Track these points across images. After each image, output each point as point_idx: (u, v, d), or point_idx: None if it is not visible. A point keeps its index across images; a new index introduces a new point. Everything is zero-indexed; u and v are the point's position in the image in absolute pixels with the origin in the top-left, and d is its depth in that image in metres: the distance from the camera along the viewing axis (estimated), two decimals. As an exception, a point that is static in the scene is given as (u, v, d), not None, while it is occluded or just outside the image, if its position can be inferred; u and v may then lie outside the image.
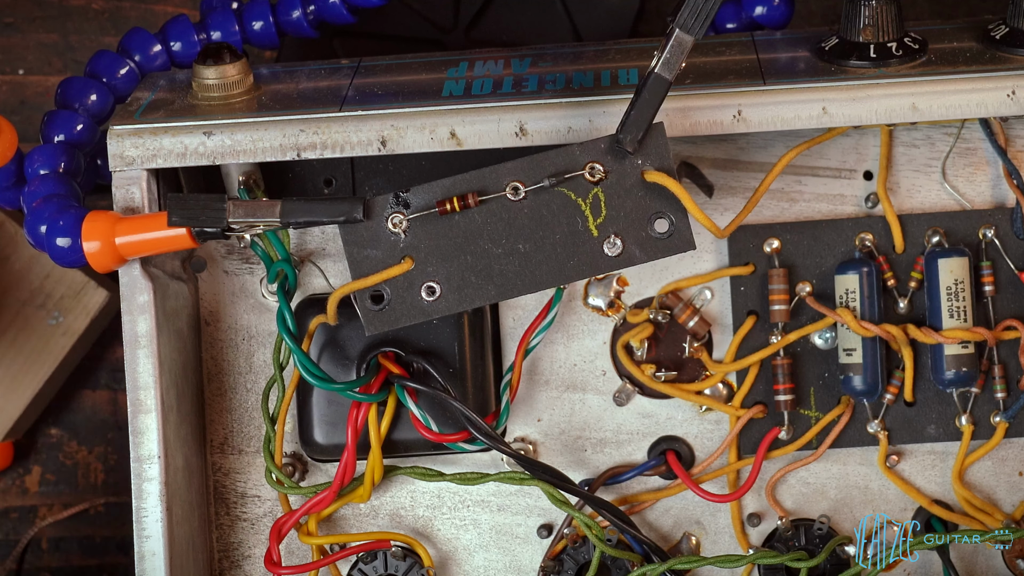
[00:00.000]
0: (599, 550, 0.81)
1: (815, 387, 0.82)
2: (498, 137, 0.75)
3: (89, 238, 0.75)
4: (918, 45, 0.77)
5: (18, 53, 0.94)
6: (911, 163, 0.81)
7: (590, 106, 0.75)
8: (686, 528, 0.84)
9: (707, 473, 0.83)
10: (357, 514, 0.84)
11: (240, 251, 0.83)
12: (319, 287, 0.83)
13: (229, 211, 0.74)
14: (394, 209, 0.75)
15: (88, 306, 0.91)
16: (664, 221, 0.74)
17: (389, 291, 0.75)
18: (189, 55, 0.85)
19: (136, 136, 0.76)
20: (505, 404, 0.81)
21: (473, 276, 0.75)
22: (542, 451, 0.84)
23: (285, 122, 0.76)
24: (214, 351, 0.83)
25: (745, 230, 0.81)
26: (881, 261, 0.81)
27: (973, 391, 0.81)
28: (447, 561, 0.84)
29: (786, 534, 0.83)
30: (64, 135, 0.81)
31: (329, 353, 0.81)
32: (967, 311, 0.80)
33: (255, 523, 0.84)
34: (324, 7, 0.85)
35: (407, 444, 0.82)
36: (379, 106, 0.76)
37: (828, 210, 0.82)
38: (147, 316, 0.77)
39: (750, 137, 0.81)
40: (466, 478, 0.82)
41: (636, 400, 0.83)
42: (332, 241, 0.82)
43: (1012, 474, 0.83)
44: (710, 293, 0.83)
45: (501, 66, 0.80)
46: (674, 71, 0.71)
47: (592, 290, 0.82)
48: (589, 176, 0.74)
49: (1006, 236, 0.81)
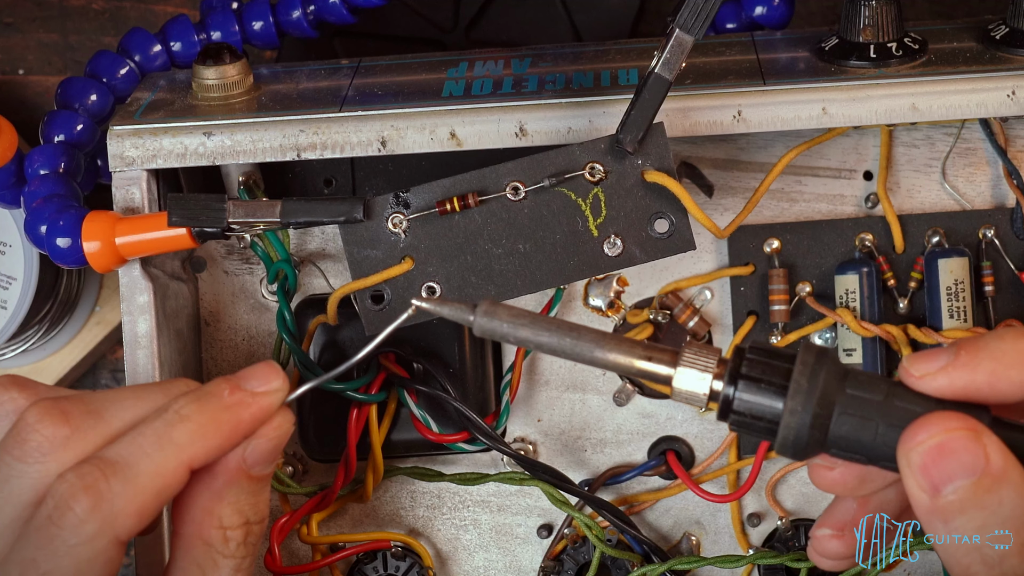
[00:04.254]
0: (599, 550, 0.81)
1: (815, 387, 0.82)
2: (498, 137, 0.75)
3: (89, 238, 0.75)
4: (918, 45, 0.77)
5: (18, 53, 0.94)
6: (911, 163, 0.81)
7: (590, 106, 0.75)
8: (686, 528, 0.84)
9: (707, 473, 0.83)
10: (357, 514, 0.84)
11: (240, 251, 0.83)
12: (319, 287, 0.83)
13: (229, 211, 0.74)
14: (394, 209, 0.75)
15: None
16: (664, 221, 0.74)
17: (389, 291, 0.75)
18: (189, 55, 0.85)
19: (136, 136, 0.76)
20: (505, 404, 0.81)
21: (473, 276, 0.75)
22: (542, 451, 0.84)
23: (285, 122, 0.76)
24: (214, 351, 0.83)
25: (745, 230, 0.81)
26: (881, 261, 0.81)
27: (973, 391, 0.81)
28: (447, 561, 0.84)
29: (786, 534, 0.83)
30: (64, 135, 0.81)
31: (329, 353, 0.81)
32: (967, 311, 0.80)
33: (255, 523, 0.84)
34: (324, 7, 0.85)
35: (407, 444, 0.82)
36: (379, 106, 0.76)
37: (828, 210, 0.82)
38: (147, 316, 0.77)
39: (750, 137, 0.81)
40: (466, 478, 0.82)
41: (636, 400, 0.83)
42: (332, 241, 0.82)
43: (1012, 474, 0.83)
44: (710, 293, 0.83)
45: (501, 66, 0.80)
46: (674, 71, 0.71)
47: (592, 290, 0.82)
48: (589, 176, 0.74)
49: (1006, 236, 0.81)
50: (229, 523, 0.67)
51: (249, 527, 0.67)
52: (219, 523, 0.67)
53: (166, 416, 0.65)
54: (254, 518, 0.68)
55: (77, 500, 0.63)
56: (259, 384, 0.67)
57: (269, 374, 0.67)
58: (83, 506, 0.63)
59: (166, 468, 0.64)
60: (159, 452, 0.64)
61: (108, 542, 0.63)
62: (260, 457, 0.67)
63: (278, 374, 0.67)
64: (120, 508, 0.63)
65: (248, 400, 0.66)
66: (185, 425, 0.65)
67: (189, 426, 0.65)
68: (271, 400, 0.67)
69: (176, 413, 0.65)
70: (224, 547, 0.67)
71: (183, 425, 0.65)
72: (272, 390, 0.67)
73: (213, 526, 0.67)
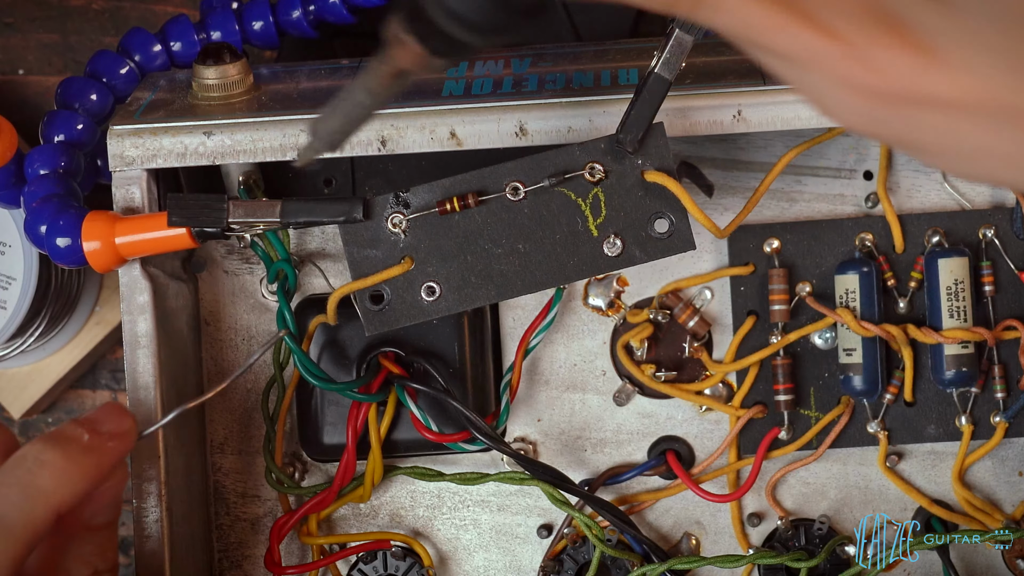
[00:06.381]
0: (599, 550, 0.81)
1: (815, 387, 0.82)
2: (498, 137, 0.75)
3: (89, 238, 0.75)
4: (918, 45, 0.77)
5: (18, 53, 0.94)
6: (911, 163, 0.81)
7: (590, 106, 0.75)
8: (686, 528, 0.84)
9: (707, 473, 0.83)
10: (357, 514, 0.84)
11: (240, 251, 0.83)
12: (319, 287, 0.83)
13: (229, 211, 0.74)
14: (394, 209, 0.75)
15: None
16: (664, 221, 0.74)
17: (389, 291, 0.75)
18: (189, 55, 0.85)
19: (136, 136, 0.76)
20: (505, 404, 0.81)
21: (473, 276, 0.75)
22: (542, 451, 0.84)
23: (285, 122, 0.76)
24: (214, 351, 0.83)
25: (745, 230, 0.81)
26: (881, 261, 0.81)
27: (973, 391, 0.81)
28: (447, 561, 0.84)
29: (786, 534, 0.83)
30: (64, 135, 0.81)
31: (329, 353, 0.81)
32: (967, 311, 0.80)
33: (255, 523, 0.84)
34: (324, 7, 0.85)
35: (407, 444, 0.82)
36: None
37: (828, 210, 0.82)
38: (147, 316, 0.77)
39: (750, 137, 0.81)
40: (466, 478, 0.82)
41: (636, 400, 0.83)
42: (332, 241, 0.82)
43: (1012, 474, 0.83)
44: (710, 293, 0.83)
45: (501, 66, 0.80)
46: (674, 71, 0.71)
47: (592, 290, 0.82)
48: (589, 176, 0.74)
49: (1006, 236, 0.81)
50: (79, 575, 0.66)
51: (99, 575, 0.67)
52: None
53: (26, 464, 0.63)
54: (103, 566, 0.67)
55: None
56: (113, 426, 0.66)
57: (121, 417, 0.66)
58: None
59: (36, 517, 0.62)
60: (27, 502, 0.62)
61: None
62: (99, 509, 0.66)
63: (129, 415, 0.66)
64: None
65: (105, 444, 0.65)
66: (48, 471, 0.63)
67: (53, 471, 0.63)
68: (126, 442, 0.66)
69: (36, 460, 0.63)
70: None
71: (45, 471, 0.63)
72: (125, 431, 0.66)
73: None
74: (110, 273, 0.86)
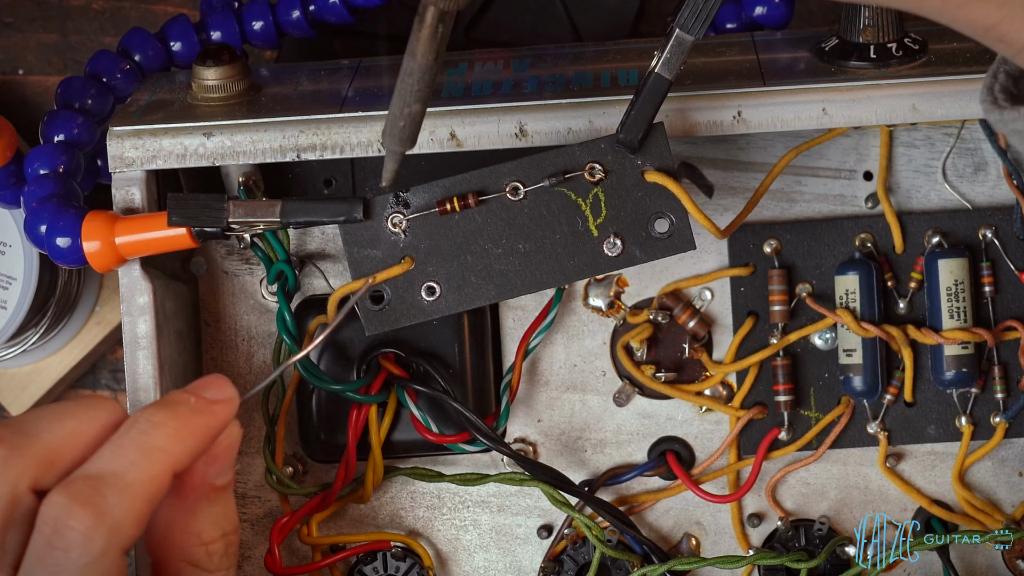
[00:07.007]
0: (599, 551, 0.81)
1: (815, 387, 0.82)
2: (498, 138, 0.75)
3: (89, 238, 0.75)
4: (918, 46, 0.77)
5: (18, 53, 0.94)
6: (911, 163, 0.81)
7: (590, 107, 0.75)
8: (686, 529, 0.84)
9: (707, 474, 0.83)
10: (357, 514, 0.84)
11: (240, 251, 0.83)
12: (319, 288, 0.83)
13: (229, 211, 0.74)
14: (394, 209, 0.75)
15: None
16: (664, 221, 0.74)
17: (389, 291, 0.75)
18: (189, 55, 0.85)
19: (136, 137, 0.76)
20: (505, 405, 0.81)
21: (473, 276, 0.75)
22: (542, 452, 0.84)
23: (285, 123, 0.76)
24: (214, 351, 0.83)
25: (745, 230, 0.81)
26: (881, 261, 0.81)
27: (973, 391, 0.81)
28: (447, 561, 0.84)
29: (786, 534, 0.83)
30: (64, 135, 0.81)
31: (329, 353, 0.81)
32: (967, 311, 0.80)
33: (255, 523, 0.84)
34: (324, 7, 0.85)
35: (407, 445, 0.82)
36: (379, 107, 0.76)
37: (828, 210, 0.82)
38: (147, 317, 0.77)
39: (750, 137, 0.81)
40: (466, 479, 0.82)
41: (636, 401, 0.83)
42: (332, 241, 0.82)
43: (1012, 474, 0.83)
44: (710, 293, 0.83)
45: (501, 67, 0.80)
46: (674, 71, 0.71)
47: (592, 290, 0.82)
48: (589, 176, 0.74)
49: (1006, 236, 0.81)
50: (209, 537, 0.68)
51: (227, 538, 0.68)
52: (199, 540, 0.67)
53: (140, 425, 0.65)
54: (229, 528, 0.68)
55: (77, 519, 0.62)
56: (216, 393, 0.68)
57: (223, 384, 0.68)
58: (85, 523, 0.62)
59: (155, 473, 0.64)
60: (145, 460, 0.64)
61: (116, 555, 0.63)
62: (220, 467, 0.67)
63: (230, 384, 0.68)
64: (121, 519, 0.63)
65: (211, 407, 0.67)
66: (162, 431, 0.65)
67: (167, 431, 0.65)
68: (231, 406, 0.67)
69: (149, 421, 0.65)
70: (208, 562, 0.68)
71: (160, 431, 0.65)
72: (229, 398, 0.68)
73: (194, 544, 0.67)
74: (110, 273, 0.86)
